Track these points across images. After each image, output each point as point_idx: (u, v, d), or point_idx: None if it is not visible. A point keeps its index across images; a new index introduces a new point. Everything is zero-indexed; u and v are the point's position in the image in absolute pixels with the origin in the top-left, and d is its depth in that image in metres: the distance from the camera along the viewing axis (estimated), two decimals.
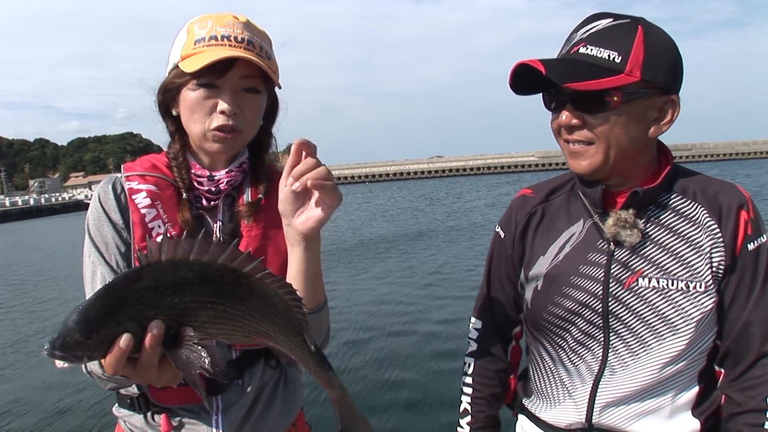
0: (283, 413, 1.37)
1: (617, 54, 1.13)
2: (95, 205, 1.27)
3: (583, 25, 1.20)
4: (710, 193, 1.23)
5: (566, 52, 1.20)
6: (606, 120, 1.16)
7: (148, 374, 0.90)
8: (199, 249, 0.85)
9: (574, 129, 1.20)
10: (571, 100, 1.18)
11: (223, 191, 1.31)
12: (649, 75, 1.14)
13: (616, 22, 1.17)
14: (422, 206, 30.47)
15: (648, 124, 1.19)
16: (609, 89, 1.13)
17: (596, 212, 1.28)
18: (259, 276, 0.90)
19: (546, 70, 1.12)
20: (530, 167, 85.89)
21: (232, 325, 0.90)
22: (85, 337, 0.80)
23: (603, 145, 1.18)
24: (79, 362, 0.83)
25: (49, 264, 18.02)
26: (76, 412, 5.59)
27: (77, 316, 0.80)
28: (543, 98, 1.26)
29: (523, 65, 1.16)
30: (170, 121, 1.32)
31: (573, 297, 1.28)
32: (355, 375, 5.84)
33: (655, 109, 1.18)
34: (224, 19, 1.24)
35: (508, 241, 1.42)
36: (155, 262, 0.84)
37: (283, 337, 0.96)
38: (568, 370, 1.33)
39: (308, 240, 1.08)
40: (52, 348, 0.79)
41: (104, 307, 0.82)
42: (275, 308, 0.93)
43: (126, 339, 0.82)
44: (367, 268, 12.13)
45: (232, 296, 0.89)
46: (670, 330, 1.21)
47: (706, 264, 1.20)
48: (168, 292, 0.85)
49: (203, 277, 0.86)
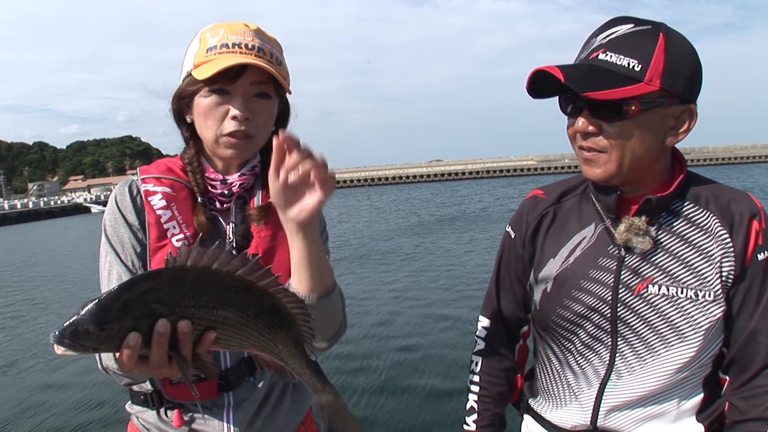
0: (292, 411, 1.40)
1: (637, 62, 1.11)
2: (112, 207, 1.30)
3: (603, 29, 1.18)
4: (723, 201, 1.22)
5: (585, 57, 1.18)
6: (623, 129, 1.14)
7: (161, 371, 0.92)
8: (222, 260, 0.89)
9: (590, 135, 1.18)
10: (588, 107, 1.17)
11: (236, 194, 1.34)
12: (669, 84, 1.12)
13: (637, 28, 1.14)
14: (423, 208, 30.48)
15: (664, 133, 1.18)
16: (627, 98, 1.11)
17: (609, 217, 1.27)
18: (272, 290, 0.94)
19: (565, 78, 1.10)
20: (529, 171, 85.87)
21: (235, 332, 0.93)
22: (98, 329, 0.82)
23: (618, 153, 1.17)
24: (84, 353, 0.84)
25: (63, 264, 18.01)
26: (90, 410, 5.64)
27: (94, 308, 0.82)
28: (559, 101, 1.25)
29: (541, 72, 1.15)
30: (185, 127, 1.35)
31: (582, 301, 1.28)
32: (359, 372, 5.87)
33: (672, 117, 1.17)
34: (235, 27, 1.27)
35: (518, 242, 1.42)
36: (180, 266, 0.87)
37: (281, 347, 0.98)
38: (575, 372, 1.33)
39: (305, 228, 1.09)
40: (62, 336, 0.80)
41: (122, 301, 0.83)
42: (280, 319, 0.96)
43: (134, 337, 0.84)
44: (369, 270, 12.14)
45: (242, 305, 0.92)
46: (678, 337, 1.21)
47: (716, 273, 1.20)
48: (186, 295, 0.87)
49: (220, 285, 0.90)
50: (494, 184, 57.67)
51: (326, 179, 1.04)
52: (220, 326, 0.91)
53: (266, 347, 0.97)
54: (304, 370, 1.02)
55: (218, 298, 0.90)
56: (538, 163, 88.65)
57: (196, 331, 0.89)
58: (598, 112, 1.16)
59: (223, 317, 0.91)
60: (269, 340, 0.97)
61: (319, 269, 1.15)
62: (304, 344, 1.00)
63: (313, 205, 1.06)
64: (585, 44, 1.21)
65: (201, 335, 0.89)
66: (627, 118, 1.13)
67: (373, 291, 10.12)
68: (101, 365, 1.20)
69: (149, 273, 0.90)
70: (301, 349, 1.00)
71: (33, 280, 15.09)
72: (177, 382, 1.27)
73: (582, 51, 1.21)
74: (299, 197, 1.07)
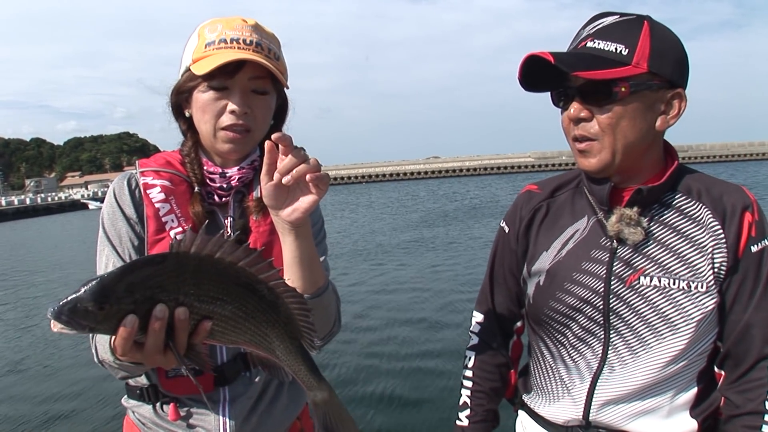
0: (288, 407, 1.40)
1: (624, 47, 1.15)
2: (110, 200, 1.30)
3: (589, 22, 1.22)
4: (715, 193, 1.24)
5: (574, 47, 1.22)
6: (614, 112, 1.16)
7: (155, 358, 0.92)
8: (226, 249, 0.88)
9: (582, 121, 1.20)
10: (580, 94, 1.19)
11: (235, 188, 1.34)
12: (656, 67, 1.15)
13: (622, 18, 1.19)
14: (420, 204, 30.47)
15: (655, 117, 1.20)
16: (616, 79, 1.14)
17: (601, 209, 1.28)
18: (272, 284, 0.93)
19: (555, 60, 1.13)
20: (527, 168, 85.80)
21: (233, 324, 0.93)
22: (98, 308, 0.81)
23: (610, 139, 1.18)
24: (81, 331, 0.83)
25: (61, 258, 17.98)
26: (85, 404, 5.64)
27: (95, 286, 0.81)
28: (551, 96, 1.27)
29: (533, 56, 1.17)
30: (182, 121, 1.36)
31: (574, 293, 1.29)
32: (349, 369, 5.88)
33: (662, 102, 1.19)
34: (233, 23, 1.27)
35: (512, 236, 1.43)
36: (183, 252, 0.86)
37: (278, 342, 0.98)
38: (568, 366, 1.34)
39: (297, 228, 1.10)
40: (59, 312, 0.79)
41: (123, 283, 0.82)
42: (278, 314, 0.96)
43: (131, 320, 0.83)
44: (364, 266, 12.15)
45: (241, 298, 0.92)
46: (670, 329, 1.21)
47: (708, 264, 1.21)
48: (187, 282, 0.87)
49: (221, 275, 0.89)
50: (491, 181, 57.63)
51: (320, 180, 1.05)
52: (218, 318, 0.91)
53: (262, 343, 0.97)
54: (300, 366, 1.02)
55: (219, 289, 0.90)
56: (536, 160, 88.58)
57: (192, 320, 0.88)
58: (590, 98, 1.18)
59: (222, 308, 0.90)
60: (265, 335, 0.96)
61: (311, 269, 1.15)
62: (301, 340, 1.00)
63: (306, 206, 1.07)
64: (574, 37, 1.24)
65: (197, 325, 0.89)
66: (617, 100, 1.16)
67: (365, 286, 10.13)
68: (97, 358, 1.19)
69: (152, 257, 0.89)
70: (298, 345, 1.00)
71: (31, 275, 15.06)
72: (173, 375, 1.27)
73: (571, 43, 1.24)
74: (292, 198, 1.08)
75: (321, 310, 1.19)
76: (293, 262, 1.14)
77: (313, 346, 1.02)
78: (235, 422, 1.30)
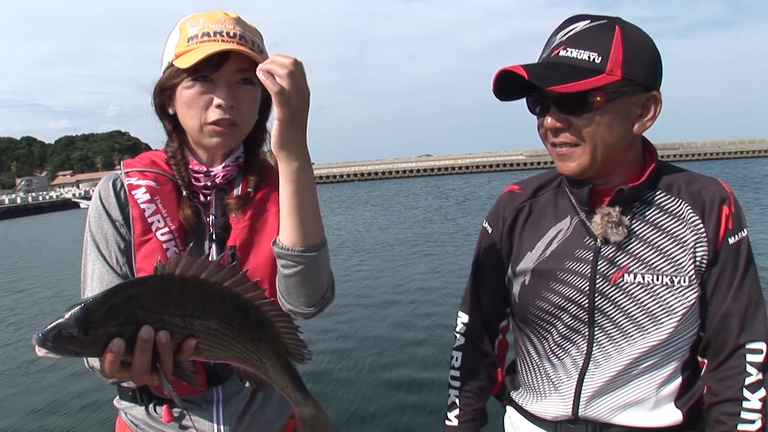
0: (281, 406, 1.40)
1: (597, 54, 1.15)
2: (96, 203, 1.29)
3: (561, 28, 1.22)
4: (694, 189, 1.26)
5: (547, 56, 1.22)
6: (591, 120, 1.18)
7: (143, 378, 0.92)
8: (211, 270, 0.90)
9: (560, 131, 1.21)
10: (555, 103, 1.20)
11: (217, 185, 1.33)
12: (630, 73, 1.16)
13: (594, 23, 1.19)
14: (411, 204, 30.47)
15: (632, 121, 1.21)
16: (592, 90, 1.14)
17: (583, 210, 1.30)
18: (258, 303, 0.95)
19: (529, 75, 1.13)
20: (519, 166, 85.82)
21: (218, 342, 0.94)
22: (82, 333, 0.81)
23: (589, 146, 1.20)
24: (67, 356, 0.83)
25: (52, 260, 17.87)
26: (77, 405, 5.59)
27: (78, 312, 0.81)
28: (527, 102, 1.28)
29: (506, 72, 1.18)
30: (167, 120, 1.34)
31: (559, 292, 1.31)
32: (339, 369, 5.87)
33: (637, 106, 1.20)
34: (216, 16, 1.27)
35: (495, 236, 1.44)
36: (168, 274, 0.87)
37: (264, 360, 0.99)
38: (554, 364, 1.36)
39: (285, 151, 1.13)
40: (44, 338, 0.80)
41: (107, 306, 0.83)
42: (264, 332, 0.97)
43: (117, 343, 0.84)
44: (356, 263, 12.16)
45: (227, 316, 0.93)
46: (654, 324, 1.24)
47: (690, 258, 1.23)
48: (172, 302, 0.88)
49: (206, 294, 0.90)
50: (483, 179, 57.66)
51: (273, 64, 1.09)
52: (204, 336, 0.91)
53: (249, 360, 0.98)
54: (286, 383, 1.03)
55: (204, 308, 0.91)
56: (528, 157, 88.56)
57: (177, 338, 0.89)
58: (566, 107, 1.19)
59: (208, 327, 0.91)
60: (252, 353, 0.97)
61: (308, 220, 1.16)
62: (289, 357, 1.01)
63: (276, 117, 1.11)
64: (546, 44, 1.24)
65: (181, 343, 0.89)
66: (594, 109, 1.17)
67: (352, 283, 10.16)
68: (87, 364, 1.20)
69: (136, 279, 0.91)
70: (285, 362, 1.01)
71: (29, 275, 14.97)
72: None
73: (544, 51, 1.24)
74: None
75: (314, 271, 1.19)
76: (290, 213, 1.15)
77: (302, 360, 1.04)
78: (229, 422, 1.30)
